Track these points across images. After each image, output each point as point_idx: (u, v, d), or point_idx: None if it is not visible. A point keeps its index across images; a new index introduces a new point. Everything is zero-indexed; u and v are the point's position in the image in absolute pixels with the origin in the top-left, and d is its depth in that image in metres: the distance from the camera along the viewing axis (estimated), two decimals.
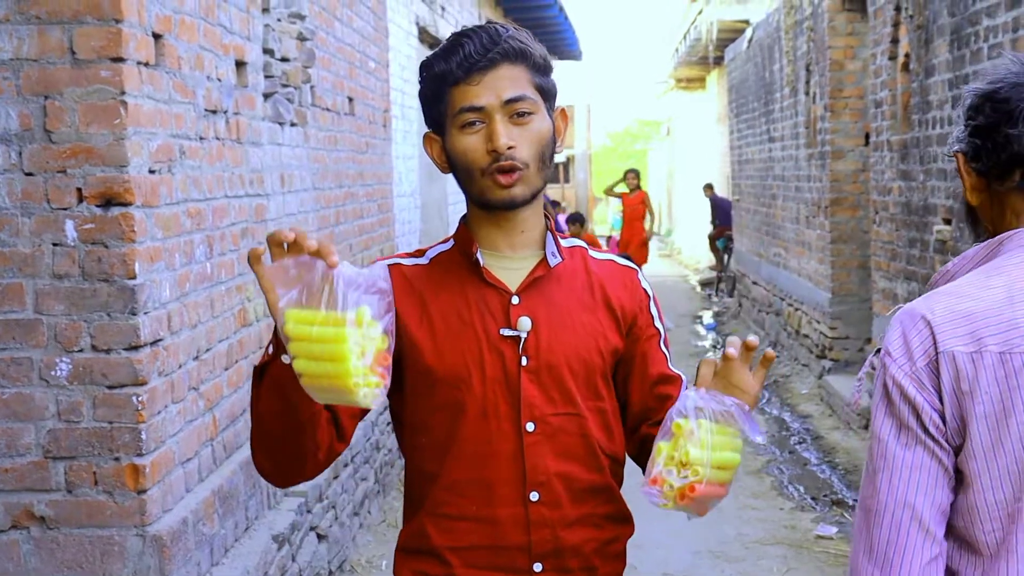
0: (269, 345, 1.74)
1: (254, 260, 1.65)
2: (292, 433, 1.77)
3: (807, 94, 9.85)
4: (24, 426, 3.10)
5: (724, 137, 17.38)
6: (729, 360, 1.77)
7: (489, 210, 1.89)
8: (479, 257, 1.89)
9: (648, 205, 15.18)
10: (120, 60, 3.01)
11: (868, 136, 8.40)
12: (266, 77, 4.43)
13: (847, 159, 9.05)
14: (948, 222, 6.11)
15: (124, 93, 3.02)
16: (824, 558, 5.25)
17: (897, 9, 7.02)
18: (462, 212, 1.99)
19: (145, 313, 3.13)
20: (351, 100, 5.89)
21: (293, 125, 4.76)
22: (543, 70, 1.90)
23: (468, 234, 1.93)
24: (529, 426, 1.86)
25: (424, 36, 8.58)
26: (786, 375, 10.00)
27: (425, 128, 1.97)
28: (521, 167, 1.84)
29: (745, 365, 1.78)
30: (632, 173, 15.73)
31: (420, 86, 1.92)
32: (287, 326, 1.61)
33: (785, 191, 11.14)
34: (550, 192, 18.86)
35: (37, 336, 3.08)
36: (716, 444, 1.71)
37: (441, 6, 9.05)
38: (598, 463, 1.91)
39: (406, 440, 1.96)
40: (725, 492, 1.73)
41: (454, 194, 9.33)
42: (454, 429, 1.87)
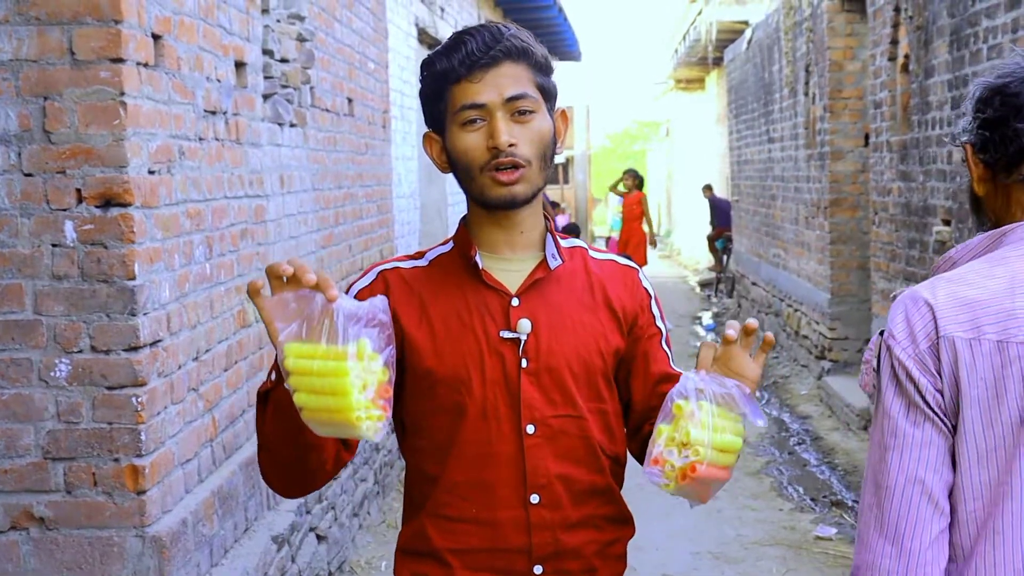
0: (271, 371, 1.74)
1: (253, 293, 1.65)
2: (299, 453, 1.77)
3: (806, 95, 9.86)
4: (23, 427, 3.10)
5: (723, 138, 17.38)
6: (729, 343, 1.76)
7: (489, 209, 1.88)
8: (478, 259, 1.89)
9: (644, 207, 15.08)
10: (119, 61, 3.01)
11: (867, 137, 8.40)
12: (265, 78, 4.43)
13: (846, 160, 9.05)
14: (948, 223, 6.10)
15: (123, 94, 3.02)
16: (823, 559, 5.25)
17: (896, 10, 7.02)
18: (462, 213, 1.98)
19: (144, 314, 3.13)
20: (350, 101, 5.89)
21: (292, 126, 4.76)
22: (544, 70, 1.89)
23: (467, 236, 1.92)
24: (529, 428, 1.86)
25: (423, 37, 8.58)
26: (785, 376, 9.99)
27: (424, 129, 1.96)
28: (523, 164, 1.83)
29: (745, 350, 1.77)
30: (629, 174, 15.69)
31: (421, 84, 1.92)
32: (287, 360, 1.61)
33: (784, 192, 11.14)
34: (549, 193, 18.83)
35: (36, 337, 3.08)
36: (717, 426, 1.69)
37: (440, 7, 9.05)
38: (599, 464, 1.90)
39: (406, 442, 1.96)
40: (727, 476, 1.71)
41: (453, 195, 9.33)
42: (454, 431, 1.87)
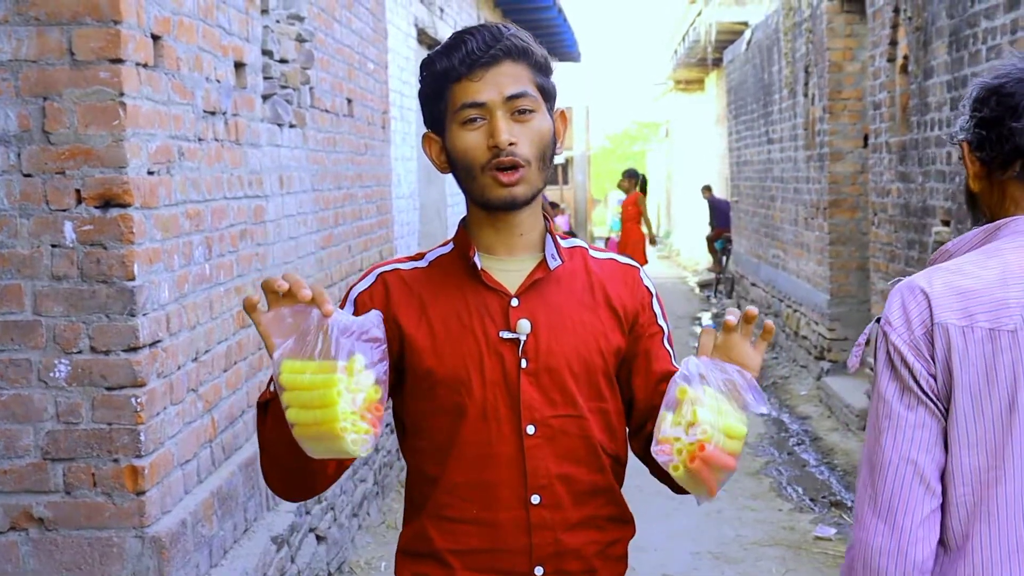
0: (270, 383, 1.74)
1: (250, 308, 1.66)
2: (301, 462, 1.76)
3: (806, 96, 9.86)
4: (23, 428, 3.10)
5: (723, 139, 17.38)
6: (729, 331, 1.75)
7: (489, 211, 1.88)
8: (477, 260, 1.89)
9: (640, 207, 14.92)
10: (119, 61, 3.01)
11: (867, 138, 8.41)
12: (265, 78, 4.43)
13: (846, 161, 9.06)
14: (947, 224, 6.10)
15: (123, 94, 3.02)
16: (823, 559, 5.25)
17: (896, 11, 7.02)
18: (461, 214, 1.98)
19: (144, 314, 3.13)
20: (350, 101, 5.89)
21: (292, 126, 4.76)
22: (544, 70, 1.89)
23: (467, 237, 1.92)
24: (529, 429, 1.85)
25: (423, 37, 8.58)
26: (785, 376, 9.99)
27: (424, 130, 1.96)
28: (522, 164, 1.83)
29: (745, 339, 1.77)
30: (626, 174, 15.61)
31: (420, 84, 1.91)
32: (282, 376, 1.62)
33: (784, 193, 11.14)
34: (549, 194, 18.82)
35: (36, 337, 3.08)
36: (722, 410, 1.69)
37: (440, 7, 9.05)
38: (600, 464, 1.90)
39: (406, 443, 1.96)
40: (734, 464, 1.70)
41: (453, 195, 9.33)
42: (454, 432, 1.86)
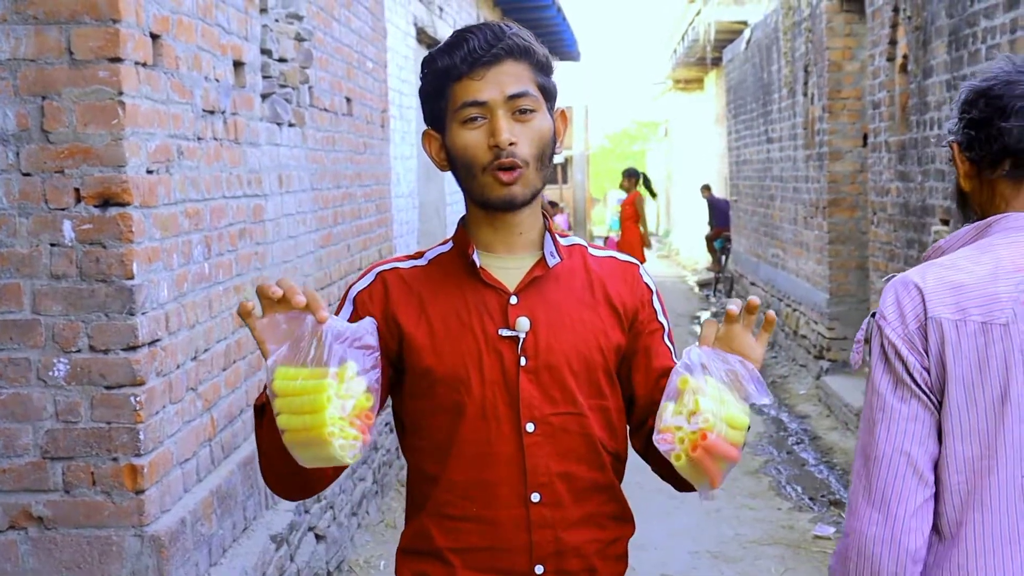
0: (266, 387, 1.74)
1: (244, 314, 1.65)
2: (297, 463, 1.75)
3: (805, 95, 9.86)
4: (22, 427, 3.10)
5: (722, 138, 17.38)
6: (731, 321, 1.75)
7: (488, 210, 1.88)
8: (475, 258, 1.89)
9: (636, 208, 14.81)
10: (118, 60, 3.00)
11: (866, 137, 8.41)
12: (264, 77, 4.42)
13: (845, 160, 9.06)
14: (946, 223, 6.11)
15: (122, 93, 3.01)
16: (822, 558, 5.25)
17: (895, 10, 7.03)
18: (460, 213, 1.98)
19: (143, 313, 3.13)
20: (349, 100, 5.89)
21: (291, 125, 4.75)
22: (546, 70, 1.89)
23: (466, 236, 1.93)
24: (529, 427, 1.85)
25: (422, 36, 8.58)
26: (784, 376, 10.00)
27: (422, 132, 1.96)
28: (521, 165, 1.83)
29: (747, 330, 1.76)
30: (625, 174, 15.55)
31: (421, 82, 1.91)
32: (275, 383, 1.62)
33: (783, 192, 11.14)
34: (548, 193, 18.79)
35: (35, 336, 3.08)
36: (724, 399, 1.68)
37: (439, 6, 9.05)
38: (600, 461, 1.90)
39: (406, 441, 1.96)
40: (737, 454, 1.69)
41: (452, 194, 9.33)
42: (454, 431, 1.86)
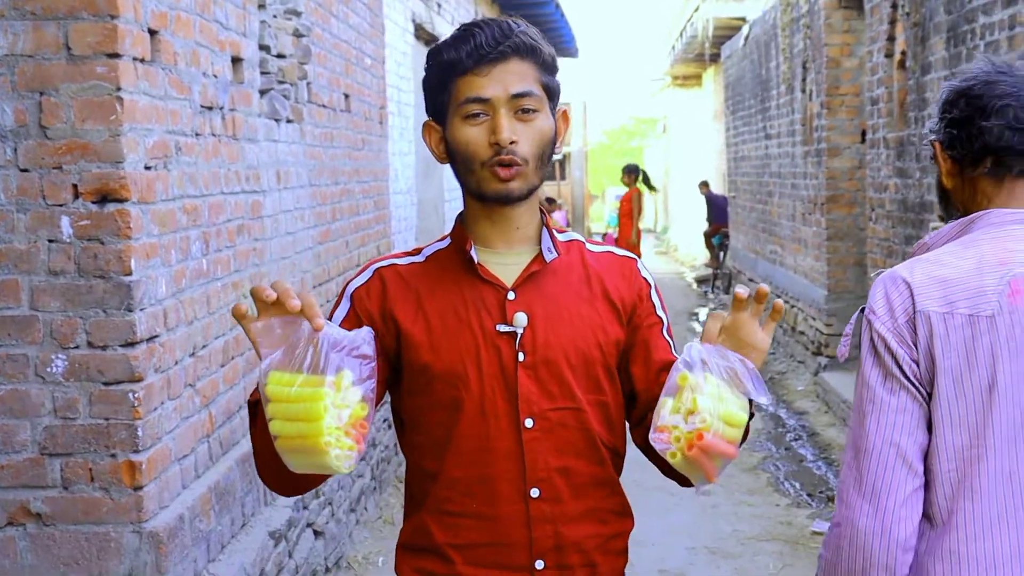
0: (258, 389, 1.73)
1: (239, 316, 1.65)
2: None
3: (803, 91, 9.86)
4: (20, 423, 3.10)
5: (720, 134, 17.38)
6: (739, 307, 1.73)
7: (484, 203, 1.88)
8: (473, 254, 1.89)
9: (632, 204, 14.74)
10: (116, 56, 3.00)
11: (864, 133, 8.41)
12: (262, 73, 4.42)
13: (843, 156, 9.06)
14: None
15: (120, 89, 3.01)
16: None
17: (894, 7, 7.03)
18: (458, 209, 1.98)
19: (141, 309, 3.13)
20: (347, 96, 5.89)
21: (289, 121, 4.75)
22: (550, 69, 1.89)
23: (464, 232, 1.93)
24: (527, 422, 1.85)
25: (420, 33, 8.58)
26: (782, 372, 10.00)
27: (423, 123, 1.96)
28: (520, 163, 1.83)
29: (755, 319, 1.74)
30: (625, 170, 15.52)
31: (426, 73, 1.91)
32: (268, 387, 1.61)
33: (781, 188, 11.15)
34: (546, 189, 18.80)
35: (33, 333, 3.08)
36: (723, 397, 1.68)
37: (437, 3, 9.04)
38: (599, 456, 1.90)
39: (405, 438, 1.96)
40: (734, 452, 1.69)
41: (450, 191, 9.32)
42: (452, 427, 1.86)
